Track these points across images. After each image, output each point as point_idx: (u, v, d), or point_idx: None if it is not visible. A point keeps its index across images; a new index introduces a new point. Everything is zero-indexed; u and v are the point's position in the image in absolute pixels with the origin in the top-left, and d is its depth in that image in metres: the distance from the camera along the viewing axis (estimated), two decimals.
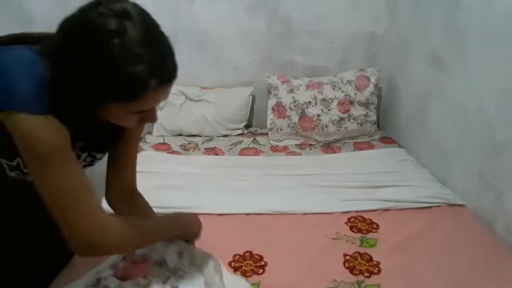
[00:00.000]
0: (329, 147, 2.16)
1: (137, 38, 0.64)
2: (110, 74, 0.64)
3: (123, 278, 0.94)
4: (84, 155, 0.87)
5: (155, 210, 1.07)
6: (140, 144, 2.09)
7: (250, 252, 1.30)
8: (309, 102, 2.17)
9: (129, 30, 0.64)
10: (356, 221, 1.49)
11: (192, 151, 2.08)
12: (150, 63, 0.65)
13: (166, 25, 0.72)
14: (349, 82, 2.21)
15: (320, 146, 2.16)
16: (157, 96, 0.72)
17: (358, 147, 2.15)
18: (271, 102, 2.26)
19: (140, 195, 1.05)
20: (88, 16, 0.64)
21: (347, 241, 1.38)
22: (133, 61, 0.64)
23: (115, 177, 0.99)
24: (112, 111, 0.72)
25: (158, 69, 0.67)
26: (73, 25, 0.66)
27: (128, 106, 0.70)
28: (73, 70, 0.66)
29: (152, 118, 0.78)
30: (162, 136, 2.21)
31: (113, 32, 0.63)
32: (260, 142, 2.19)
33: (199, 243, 1.13)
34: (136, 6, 0.68)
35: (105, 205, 0.96)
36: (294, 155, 2.08)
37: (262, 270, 1.23)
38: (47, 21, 0.86)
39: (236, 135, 2.27)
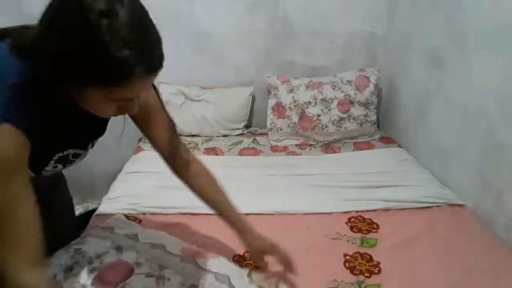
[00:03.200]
0: (329, 147, 2.15)
1: (126, 21, 0.62)
2: (97, 55, 0.61)
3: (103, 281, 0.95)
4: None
5: (155, 210, 1.07)
6: (140, 144, 2.09)
7: None
8: (309, 102, 2.17)
9: (119, 12, 0.61)
10: (356, 221, 1.49)
11: (192, 151, 2.08)
12: (138, 48, 0.63)
13: (166, 25, 0.72)
14: (349, 82, 2.21)
15: (320, 146, 2.16)
16: (141, 84, 0.69)
17: (358, 147, 2.15)
18: (271, 102, 2.25)
19: (201, 168, 1.18)
20: None
21: (347, 241, 1.38)
22: (121, 44, 0.61)
23: (162, 154, 1.09)
24: (92, 97, 0.69)
25: (145, 56, 0.65)
26: (59, 7, 0.64)
27: (110, 92, 0.67)
28: (57, 50, 0.63)
29: (132, 110, 0.76)
30: None
31: (102, 13, 0.60)
32: (260, 142, 2.19)
33: (199, 244, 1.13)
34: None
35: None
36: (294, 155, 2.07)
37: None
38: None
39: (236, 135, 2.27)
